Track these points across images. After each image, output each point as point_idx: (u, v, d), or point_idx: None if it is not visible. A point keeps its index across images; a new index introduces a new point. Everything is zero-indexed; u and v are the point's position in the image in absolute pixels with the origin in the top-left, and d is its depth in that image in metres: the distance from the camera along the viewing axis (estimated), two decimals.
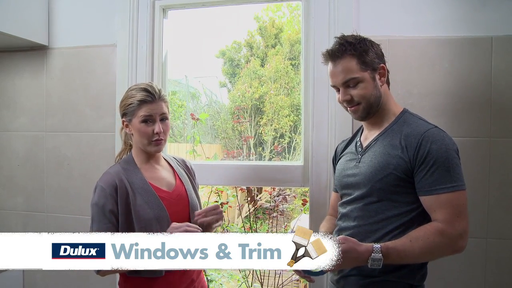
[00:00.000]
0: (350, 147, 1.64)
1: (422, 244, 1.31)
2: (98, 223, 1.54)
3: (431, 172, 1.35)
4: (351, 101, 1.48)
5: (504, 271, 1.87)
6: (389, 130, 1.49)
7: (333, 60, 1.49)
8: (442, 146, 1.36)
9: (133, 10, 2.24)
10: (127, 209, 1.56)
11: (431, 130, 1.40)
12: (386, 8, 1.97)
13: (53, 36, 2.39)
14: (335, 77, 1.49)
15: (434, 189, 1.34)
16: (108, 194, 1.55)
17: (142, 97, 1.59)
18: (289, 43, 6.15)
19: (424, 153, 1.36)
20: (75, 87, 2.36)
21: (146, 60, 2.25)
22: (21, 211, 2.45)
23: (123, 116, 1.64)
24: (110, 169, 1.65)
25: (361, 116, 1.50)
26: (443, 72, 1.91)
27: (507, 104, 1.86)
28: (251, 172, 2.22)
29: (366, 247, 1.30)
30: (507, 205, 1.86)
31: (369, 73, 1.47)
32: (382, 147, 1.46)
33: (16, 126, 2.46)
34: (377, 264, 1.28)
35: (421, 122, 1.46)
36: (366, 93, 1.46)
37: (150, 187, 1.61)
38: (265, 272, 3.49)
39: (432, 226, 1.34)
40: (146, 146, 1.63)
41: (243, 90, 6.24)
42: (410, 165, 1.38)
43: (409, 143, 1.40)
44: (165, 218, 1.59)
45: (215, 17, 5.75)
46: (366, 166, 1.47)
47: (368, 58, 1.47)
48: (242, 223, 4.11)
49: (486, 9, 1.88)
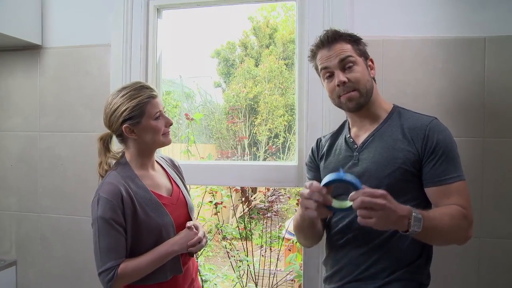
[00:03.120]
0: (338, 143, 1.59)
1: (448, 222, 1.28)
2: (107, 237, 1.47)
3: (440, 162, 1.35)
4: (346, 86, 1.43)
5: (497, 270, 1.88)
6: (385, 124, 1.48)
7: (328, 45, 1.47)
8: (447, 136, 1.39)
9: (128, 9, 2.24)
10: (134, 219, 1.51)
11: (435, 121, 1.42)
12: (380, 8, 1.97)
13: (47, 36, 2.38)
14: (329, 60, 1.45)
15: (444, 179, 1.35)
16: (115, 206, 1.47)
17: (149, 95, 1.56)
18: (282, 43, 6.16)
19: (433, 144, 1.36)
20: (69, 87, 2.35)
21: (140, 60, 2.24)
22: (15, 211, 2.44)
23: (124, 122, 1.54)
24: (110, 178, 1.55)
25: (357, 103, 1.45)
26: (437, 72, 1.92)
27: (500, 104, 1.87)
28: (246, 172, 2.22)
29: (404, 206, 1.21)
30: (501, 205, 1.87)
31: (363, 60, 1.48)
32: (383, 142, 1.43)
33: (10, 126, 2.45)
34: (417, 225, 1.18)
35: (419, 115, 1.47)
36: (363, 77, 1.45)
37: (153, 196, 1.58)
38: (259, 272, 3.49)
39: (456, 208, 1.32)
40: (159, 141, 1.61)
41: (237, 90, 6.25)
42: (419, 157, 1.37)
43: (415, 135, 1.39)
44: (170, 224, 1.59)
45: (210, 17, 5.75)
46: (369, 163, 1.43)
47: (361, 47, 1.51)
48: (237, 223, 4.11)
49: (479, 10, 1.89)
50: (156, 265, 1.52)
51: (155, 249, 1.53)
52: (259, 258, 3.76)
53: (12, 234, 2.44)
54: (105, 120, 1.59)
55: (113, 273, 1.45)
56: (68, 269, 2.32)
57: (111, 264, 1.46)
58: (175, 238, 1.57)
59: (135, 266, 1.49)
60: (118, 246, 1.48)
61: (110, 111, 1.56)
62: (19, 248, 2.44)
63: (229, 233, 3.93)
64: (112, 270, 1.46)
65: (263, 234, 4.00)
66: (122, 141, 1.64)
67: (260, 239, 4.27)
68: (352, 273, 1.43)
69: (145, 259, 1.51)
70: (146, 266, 1.51)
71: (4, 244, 2.46)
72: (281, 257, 3.90)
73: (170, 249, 1.54)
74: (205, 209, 3.61)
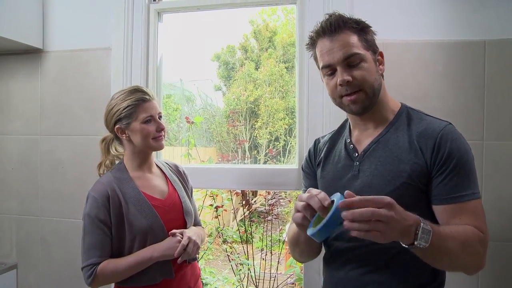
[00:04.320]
0: (338, 149, 1.39)
1: (461, 244, 1.08)
2: (90, 234, 1.53)
3: (451, 176, 1.15)
4: (351, 85, 1.22)
5: (498, 274, 1.87)
6: (391, 129, 1.28)
7: (330, 34, 1.24)
8: (462, 146, 1.18)
9: (128, 13, 2.24)
10: (120, 219, 1.54)
11: (448, 127, 1.21)
12: (380, 11, 1.98)
13: (48, 39, 2.38)
14: (332, 54, 1.22)
15: (456, 196, 1.15)
16: (100, 204, 1.53)
17: (139, 97, 1.59)
18: (282, 46, 6.17)
19: (445, 154, 1.16)
20: (70, 90, 2.36)
21: (141, 63, 2.25)
22: (15, 214, 2.44)
23: (116, 122, 1.61)
24: (102, 178, 1.63)
25: (361, 107, 1.25)
26: (437, 76, 1.92)
27: (500, 107, 1.87)
28: (246, 175, 2.22)
29: (412, 214, 1.02)
30: (501, 208, 1.87)
31: (371, 54, 1.26)
32: (388, 151, 1.24)
33: (10, 129, 2.45)
34: (425, 238, 1.00)
35: (432, 118, 1.27)
36: (370, 75, 1.23)
37: (142, 196, 1.60)
38: (260, 276, 3.49)
39: (472, 230, 1.11)
40: (149, 145, 1.63)
41: (238, 93, 6.24)
42: (427, 169, 1.18)
43: (424, 143, 1.19)
44: (160, 226, 1.59)
45: (210, 20, 5.76)
46: (371, 176, 1.24)
47: (370, 37, 1.28)
48: (237, 226, 4.10)
49: (479, 13, 1.89)
50: (136, 269, 1.53)
51: (137, 253, 1.55)
52: (260, 261, 3.76)
53: (13, 237, 2.44)
54: (104, 120, 1.66)
55: (92, 270, 1.50)
56: (69, 272, 2.31)
57: (92, 261, 1.50)
58: (157, 245, 1.56)
59: (114, 267, 1.51)
60: (101, 244, 1.52)
61: (107, 111, 1.64)
62: (20, 251, 2.43)
63: (229, 237, 3.93)
64: (93, 267, 1.50)
65: (263, 237, 3.99)
66: (119, 143, 1.69)
67: (260, 242, 4.27)
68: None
69: (125, 262, 1.53)
70: (124, 268, 1.52)
71: (4, 247, 2.45)
72: (282, 261, 3.89)
73: (150, 255, 1.54)
74: (206, 213, 3.62)
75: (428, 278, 1.21)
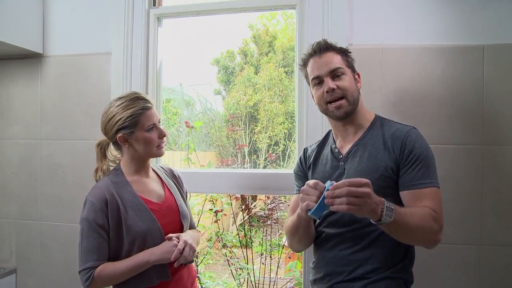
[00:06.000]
0: (324, 154, 1.67)
1: (418, 220, 1.33)
2: (88, 238, 1.53)
3: (414, 167, 1.43)
4: (336, 93, 1.51)
5: (497, 278, 1.88)
6: (368, 134, 1.56)
7: (319, 53, 1.57)
8: (423, 145, 1.47)
9: (128, 18, 2.25)
10: (118, 223, 1.55)
11: (413, 130, 1.51)
12: (379, 16, 1.99)
13: (48, 44, 2.39)
14: (321, 68, 1.55)
15: (417, 183, 1.41)
16: (98, 209, 1.53)
17: (142, 106, 1.59)
18: (282, 50, 6.17)
19: (409, 151, 1.44)
20: (70, 95, 2.36)
21: (140, 68, 2.26)
22: (15, 219, 2.44)
23: (118, 131, 1.59)
24: (99, 182, 1.63)
25: (345, 112, 1.53)
26: (435, 80, 1.93)
27: (499, 112, 1.88)
28: (246, 180, 2.22)
29: (379, 197, 1.28)
30: (500, 212, 1.87)
31: (351, 72, 1.58)
32: (367, 152, 1.52)
33: (10, 134, 2.45)
34: (389, 215, 1.25)
35: (400, 125, 1.56)
36: (351, 86, 1.54)
37: (140, 200, 1.60)
38: (259, 280, 3.48)
39: (427, 210, 1.37)
40: (152, 153, 1.65)
41: (237, 97, 6.25)
42: (397, 164, 1.45)
43: (394, 143, 1.48)
44: (157, 230, 1.59)
45: (210, 25, 5.77)
46: (354, 172, 1.50)
47: (350, 59, 1.61)
48: (237, 231, 4.10)
49: (478, 18, 1.90)
50: (133, 273, 1.54)
51: (134, 257, 1.55)
52: (259, 265, 3.75)
53: (12, 242, 2.44)
54: (102, 127, 1.65)
55: (90, 273, 1.50)
56: (68, 277, 2.31)
57: (90, 264, 1.51)
58: (154, 249, 1.57)
59: (111, 271, 1.52)
60: (99, 248, 1.53)
61: (106, 119, 1.62)
62: (19, 256, 2.43)
63: (229, 241, 3.92)
64: (90, 271, 1.51)
65: (263, 241, 3.98)
66: (117, 148, 1.69)
67: (260, 247, 4.26)
68: (341, 274, 1.49)
69: (122, 265, 1.53)
70: (121, 272, 1.53)
71: (4, 252, 2.45)
72: (281, 265, 3.88)
73: (147, 258, 1.54)
74: (205, 217, 3.61)
75: (402, 256, 1.48)
